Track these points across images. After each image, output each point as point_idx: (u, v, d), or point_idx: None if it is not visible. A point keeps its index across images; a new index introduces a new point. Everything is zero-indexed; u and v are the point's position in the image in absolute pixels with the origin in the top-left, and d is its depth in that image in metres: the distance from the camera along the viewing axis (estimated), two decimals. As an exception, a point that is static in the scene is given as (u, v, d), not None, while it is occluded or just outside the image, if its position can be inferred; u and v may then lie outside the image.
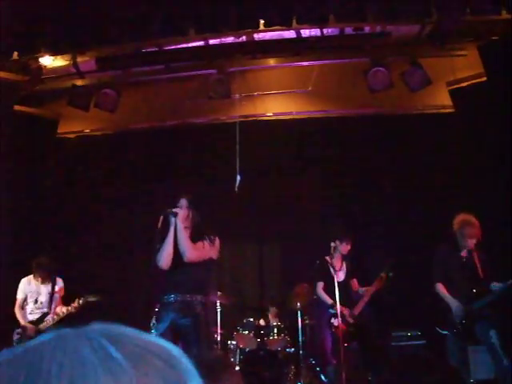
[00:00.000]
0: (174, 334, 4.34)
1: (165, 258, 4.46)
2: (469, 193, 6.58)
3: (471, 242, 5.31)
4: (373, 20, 6.39)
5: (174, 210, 4.53)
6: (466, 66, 7.22)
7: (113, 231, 7.96)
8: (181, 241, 4.47)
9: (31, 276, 6.26)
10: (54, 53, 6.79)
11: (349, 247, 6.49)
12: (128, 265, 7.84)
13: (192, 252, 4.45)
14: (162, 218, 4.43)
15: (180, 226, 4.50)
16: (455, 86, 7.38)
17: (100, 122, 8.19)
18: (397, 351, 6.45)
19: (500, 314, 5.18)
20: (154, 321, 4.36)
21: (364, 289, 6.44)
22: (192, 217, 4.59)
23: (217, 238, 4.63)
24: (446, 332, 5.24)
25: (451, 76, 7.33)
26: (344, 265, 6.56)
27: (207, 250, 4.53)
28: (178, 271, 4.46)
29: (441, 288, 5.35)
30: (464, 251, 5.41)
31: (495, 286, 5.10)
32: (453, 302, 5.24)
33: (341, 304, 5.82)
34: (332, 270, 6.10)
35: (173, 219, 4.52)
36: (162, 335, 4.22)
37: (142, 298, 7.45)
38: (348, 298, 6.26)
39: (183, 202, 4.62)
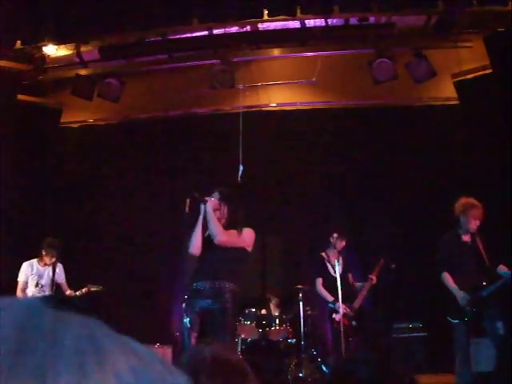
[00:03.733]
0: (201, 321, 4.30)
1: (194, 244, 4.41)
2: (472, 185, 6.55)
3: (475, 224, 5.29)
4: (378, 10, 6.36)
5: (205, 198, 4.44)
6: (471, 57, 7.17)
7: (115, 221, 7.98)
8: (210, 223, 4.36)
9: (33, 260, 6.32)
10: (58, 42, 6.78)
11: (343, 243, 6.51)
12: (128, 253, 7.86)
13: (222, 234, 4.35)
14: (188, 201, 4.36)
15: (210, 210, 4.38)
16: (460, 78, 7.33)
17: (103, 111, 8.18)
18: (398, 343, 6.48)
19: (506, 305, 5.17)
20: (184, 308, 4.38)
21: (362, 283, 6.44)
22: (226, 211, 4.48)
23: (251, 230, 4.54)
24: (456, 321, 5.22)
25: (456, 68, 7.29)
26: (341, 259, 6.57)
27: (240, 238, 4.45)
28: (209, 258, 4.39)
29: (447, 277, 5.32)
30: (467, 235, 5.39)
31: (504, 271, 5.08)
32: (458, 293, 5.22)
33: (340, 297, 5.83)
34: (329, 264, 6.12)
35: (202, 206, 4.43)
36: (191, 322, 4.26)
37: (145, 287, 7.49)
38: (346, 292, 6.26)
39: (215, 194, 4.53)
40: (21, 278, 6.24)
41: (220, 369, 1.42)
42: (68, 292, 6.32)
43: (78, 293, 6.26)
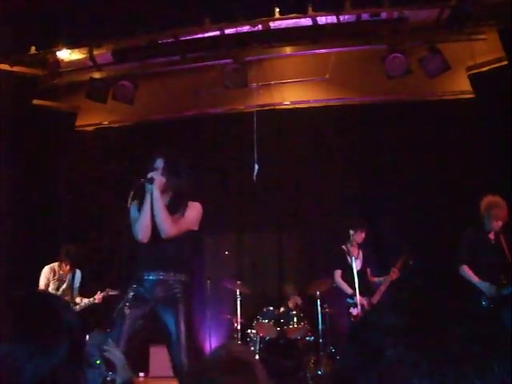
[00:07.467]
0: (150, 318, 3.80)
1: (142, 230, 3.85)
2: (488, 178, 6.48)
3: (498, 224, 5.25)
4: (389, 5, 6.31)
5: (149, 175, 3.84)
6: (486, 50, 7.07)
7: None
8: (157, 213, 3.80)
9: (54, 264, 6.37)
10: (71, 46, 6.85)
11: (363, 235, 6.47)
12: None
13: (171, 227, 3.80)
14: (132, 193, 3.75)
15: (157, 195, 3.81)
16: (475, 71, 7.24)
17: (118, 113, 8.23)
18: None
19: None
20: (127, 303, 3.75)
21: (382, 278, 6.40)
22: (170, 182, 3.89)
23: (196, 205, 3.97)
24: None
25: (471, 61, 7.20)
26: (361, 253, 6.54)
27: (185, 222, 3.88)
28: (158, 246, 3.83)
29: (467, 270, 5.27)
30: (492, 233, 5.34)
31: None
32: (481, 283, 5.16)
33: (359, 292, 5.81)
34: (349, 258, 6.09)
35: (149, 186, 3.83)
36: (137, 319, 3.72)
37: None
38: (366, 287, 6.24)
39: (159, 163, 3.93)
40: (42, 282, 6.30)
41: (233, 367, 1.44)
42: (78, 299, 6.33)
43: (98, 296, 6.28)
